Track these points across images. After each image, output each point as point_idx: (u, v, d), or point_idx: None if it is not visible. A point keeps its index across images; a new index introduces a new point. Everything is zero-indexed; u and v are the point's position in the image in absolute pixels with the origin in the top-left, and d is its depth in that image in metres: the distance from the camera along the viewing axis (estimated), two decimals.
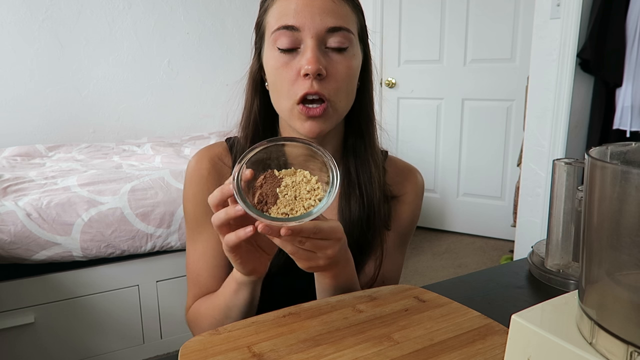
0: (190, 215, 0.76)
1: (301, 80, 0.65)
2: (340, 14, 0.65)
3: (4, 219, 1.45)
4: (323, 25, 0.64)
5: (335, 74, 0.66)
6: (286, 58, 0.66)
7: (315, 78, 0.64)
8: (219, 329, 0.57)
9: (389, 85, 3.09)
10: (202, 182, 0.75)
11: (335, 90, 0.66)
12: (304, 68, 0.63)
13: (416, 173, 0.84)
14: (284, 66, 0.66)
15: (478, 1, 2.80)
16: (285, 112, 0.69)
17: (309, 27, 0.64)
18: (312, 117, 0.66)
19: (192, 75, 3.15)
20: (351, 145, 0.76)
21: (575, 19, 2.00)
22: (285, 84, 0.66)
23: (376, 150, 0.77)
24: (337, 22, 0.65)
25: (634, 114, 2.00)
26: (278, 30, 0.65)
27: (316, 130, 0.67)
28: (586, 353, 0.35)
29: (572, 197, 0.48)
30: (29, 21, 2.60)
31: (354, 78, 0.70)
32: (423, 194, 0.84)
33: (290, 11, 0.64)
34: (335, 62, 0.66)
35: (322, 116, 0.66)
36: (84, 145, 2.54)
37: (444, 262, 2.68)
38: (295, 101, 0.66)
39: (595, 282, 0.37)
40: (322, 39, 0.65)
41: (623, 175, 0.32)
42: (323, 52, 0.65)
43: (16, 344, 1.51)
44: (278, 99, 0.69)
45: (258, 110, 0.74)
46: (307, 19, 0.64)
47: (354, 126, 0.76)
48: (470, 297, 0.71)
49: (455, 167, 3.08)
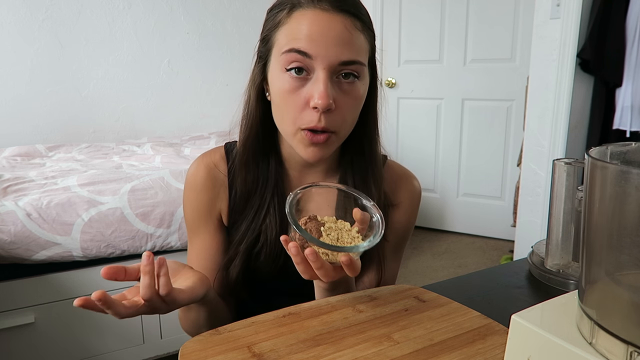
0: (188, 218, 0.79)
1: (309, 111, 0.64)
2: (355, 46, 0.64)
3: (4, 219, 1.45)
4: (337, 58, 0.62)
5: (344, 106, 0.65)
6: (295, 83, 0.64)
7: (323, 112, 0.63)
8: (219, 329, 0.57)
9: (389, 85, 3.09)
10: (197, 190, 0.77)
11: (341, 122, 0.66)
12: (314, 102, 0.62)
13: (413, 180, 0.82)
14: (293, 92, 0.64)
15: (478, 1, 2.80)
16: (288, 134, 0.69)
17: (322, 57, 0.62)
18: (315, 144, 0.66)
19: (192, 75, 3.15)
20: (349, 160, 0.76)
21: (575, 19, 2.00)
22: (292, 111, 0.65)
23: (378, 167, 0.76)
24: (352, 56, 0.63)
25: (634, 114, 2.00)
26: (289, 53, 0.63)
27: (318, 156, 0.67)
28: (586, 353, 0.35)
29: (572, 197, 0.48)
30: (29, 21, 2.60)
31: (359, 106, 0.69)
32: (420, 201, 0.83)
33: (304, 35, 0.62)
34: (345, 92, 0.65)
35: (325, 143, 0.66)
36: (84, 145, 2.54)
37: (444, 262, 2.68)
38: (300, 128, 0.65)
39: (595, 282, 0.37)
40: (334, 70, 0.63)
41: (623, 175, 0.32)
42: (333, 82, 0.64)
43: (16, 344, 1.51)
44: (282, 121, 0.68)
45: (259, 119, 0.73)
46: (322, 48, 0.62)
47: (354, 143, 0.75)
48: (470, 297, 0.71)
49: (455, 167, 3.08)
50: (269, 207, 0.73)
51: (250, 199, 0.74)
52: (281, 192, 0.74)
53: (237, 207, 0.75)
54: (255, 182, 0.74)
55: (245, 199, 0.74)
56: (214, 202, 0.77)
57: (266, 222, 0.73)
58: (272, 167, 0.74)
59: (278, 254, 0.73)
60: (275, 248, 0.72)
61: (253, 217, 0.73)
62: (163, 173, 1.77)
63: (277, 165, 0.75)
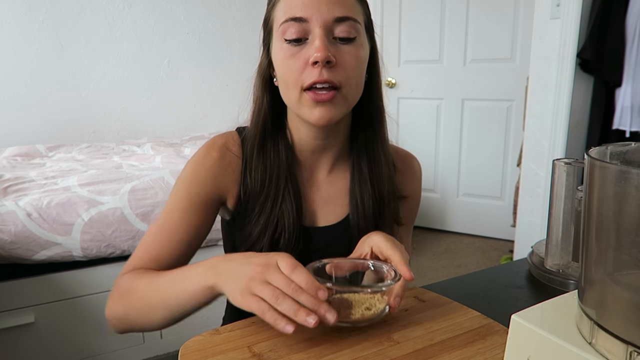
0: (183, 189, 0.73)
1: (310, 69, 0.65)
2: (346, 5, 0.66)
3: (4, 219, 1.45)
4: (330, 15, 0.65)
5: (344, 62, 0.66)
6: (294, 49, 0.66)
7: (324, 66, 0.64)
8: (219, 328, 0.57)
9: (389, 85, 3.09)
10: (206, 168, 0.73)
11: (345, 78, 0.66)
12: (313, 56, 0.64)
13: (413, 160, 0.86)
14: (293, 57, 0.66)
15: (478, 1, 2.80)
16: (293, 102, 0.69)
17: (316, 17, 0.64)
18: (321, 103, 0.66)
19: (192, 75, 3.15)
20: (362, 140, 0.76)
21: (575, 19, 2.00)
22: (294, 74, 0.66)
23: (386, 142, 0.78)
24: (344, 12, 0.66)
25: (634, 114, 2.00)
26: (286, 23, 0.66)
27: (326, 116, 0.67)
28: (586, 353, 0.35)
29: (572, 197, 0.48)
30: (29, 21, 2.60)
31: (362, 68, 0.70)
32: (421, 178, 0.86)
33: (297, 4, 0.65)
34: (344, 51, 0.66)
35: (331, 102, 0.66)
36: (84, 145, 2.54)
37: (444, 262, 2.68)
38: (303, 89, 0.66)
39: (595, 282, 0.37)
40: (329, 28, 0.65)
41: (623, 175, 0.32)
42: (331, 42, 0.66)
43: (16, 344, 1.51)
44: (287, 90, 0.69)
45: (268, 106, 0.74)
46: (315, 9, 0.64)
47: (364, 119, 0.76)
48: (470, 297, 0.71)
49: (455, 167, 3.08)
50: (284, 195, 0.73)
51: (264, 189, 0.74)
52: (294, 178, 0.75)
53: (251, 196, 0.74)
54: (269, 170, 0.74)
55: (260, 190, 0.74)
56: (222, 182, 0.74)
57: (282, 209, 0.73)
58: (283, 154, 0.75)
59: (297, 237, 0.74)
60: (294, 232, 0.73)
61: (271, 207, 0.73)
62: (163, 173, 1.78)
63: (287, 151, 0.75)
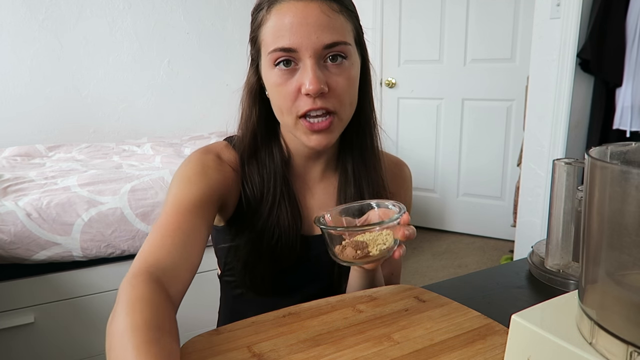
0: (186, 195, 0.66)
1: (303, 98, 0.65)
2: (335, 28, 0.65)
3: (4, 219, 1.45)
4: (320, 43, 0.64)
5: (337, 87, 0.66)
6: (286, 75, 0.66)
7: (317, 97, 0.65)
8: (219, 328, 0.57)
9: (389, 85, 3.08)
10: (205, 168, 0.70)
11: (339, 102, 0.67)
12: (306, 88, 0.64)
13: (404, 166, 0.87)
14: (285, 83, 0.66)
15: (478, 1, 2.80)
16: (290, 127, 0.70)
17: (305, 47, 0.64)
18: (317, 131, 0.67)
19: (192, 75, 3.15)
20: (349, 144, 0.77)
21: (575, 19, 2.00)
22: (287, 101, 0.67)
23: (375, 146, 0.78)
24: (334, 38, 0.64)
25: (634, 114, 2.00)
26: (275, 52, 0.65)
27: (323, 142, 0.68)
28: (586, 353, 0.35)
29: (572, 197, 0.48)
30: (29, 21, 2.60)
31: (355, 86, 0.70)
32: (412, 184, 0.88)
33: (285, 30, 0.64)
34: (335, 75, 0.66)
35: (328, 128, 0.67)
36: (84, 145, 2.54)
37: (444, 262, 2.68)
38: (298, 116, 0.67)
39: (595, 282, 0.37)
40: (320, 55, 0.65)
41: (623, 175, 0.32)
42: (322, 67, 0.65)
43: (16, 344, 1.51)
44: (281, 114, 0.70)
45: (257, 119, 0.74)
46: (304, 38, 0.63)
47: (352, 125, 0.76)
48: (470, 297, 0.71)
49: (455, 167, 3.08)
50: (280, 201, 0.74)
51: (262, 196, 0.74)
52: (288, 183, 0.76)
53: (246, 203, 0.75)
54: (265, 177, 0.75)
55: (257, 197, 0.74)
56: (222, 187, 0.72)
57: (278, 216, 0.74)
58: (278, 160, 0.75)
59: (293, 241, 0.74)
60: (290, 236, 0.74)
61: (268, 214, 0.74)
62: (163, 173, 1.77)
63: (282, 157, 0.76)
